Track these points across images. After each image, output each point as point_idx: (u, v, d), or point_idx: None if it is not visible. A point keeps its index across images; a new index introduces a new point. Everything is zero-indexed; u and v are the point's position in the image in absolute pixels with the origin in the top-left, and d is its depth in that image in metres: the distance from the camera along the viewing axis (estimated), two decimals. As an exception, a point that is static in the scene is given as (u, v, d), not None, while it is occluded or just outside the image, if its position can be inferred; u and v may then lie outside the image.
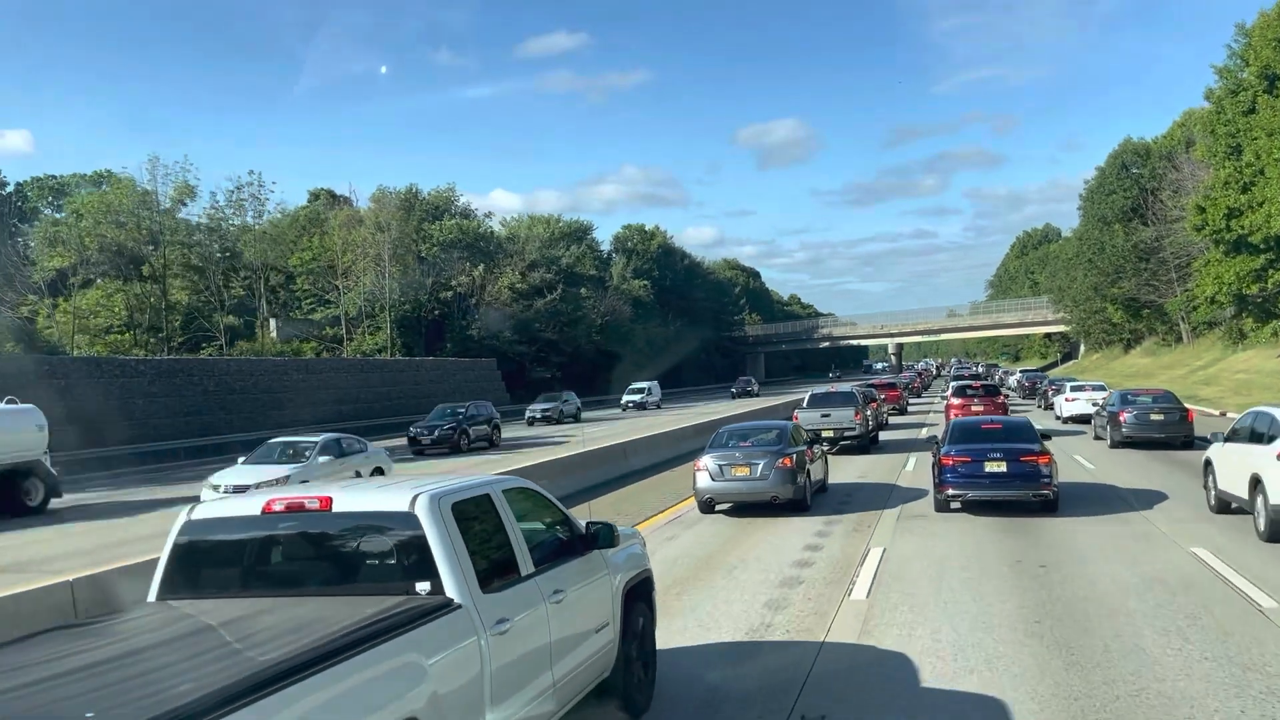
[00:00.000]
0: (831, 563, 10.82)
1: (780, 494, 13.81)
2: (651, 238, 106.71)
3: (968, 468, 13.33)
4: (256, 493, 5.13)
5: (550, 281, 67.76)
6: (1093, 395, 30.26)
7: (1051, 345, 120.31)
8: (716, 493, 14.25)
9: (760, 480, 13.82)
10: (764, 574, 10.38)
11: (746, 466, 13.99)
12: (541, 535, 5.75)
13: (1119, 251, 66.25)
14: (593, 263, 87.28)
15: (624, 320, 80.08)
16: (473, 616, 4.49)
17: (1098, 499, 14.90)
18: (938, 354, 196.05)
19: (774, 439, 14.75)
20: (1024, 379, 54.40)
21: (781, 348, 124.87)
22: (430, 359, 54.97)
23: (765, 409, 41.13)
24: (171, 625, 4.30)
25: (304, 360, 46.10)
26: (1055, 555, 10.75)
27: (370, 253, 57.17)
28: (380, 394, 48.69)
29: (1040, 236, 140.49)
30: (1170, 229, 59.19)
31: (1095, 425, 25.98)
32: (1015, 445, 13.60)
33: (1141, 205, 65.18)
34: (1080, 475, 17.96)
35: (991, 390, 31.21)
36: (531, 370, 64.69)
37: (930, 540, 11.92)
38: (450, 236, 64.68)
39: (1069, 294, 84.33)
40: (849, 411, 23.58)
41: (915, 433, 29.30)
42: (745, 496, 14.11)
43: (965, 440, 14.06)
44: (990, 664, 7.00)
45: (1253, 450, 11.58)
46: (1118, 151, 69.19)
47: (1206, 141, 46.70)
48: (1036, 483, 13.12)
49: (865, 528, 12.93)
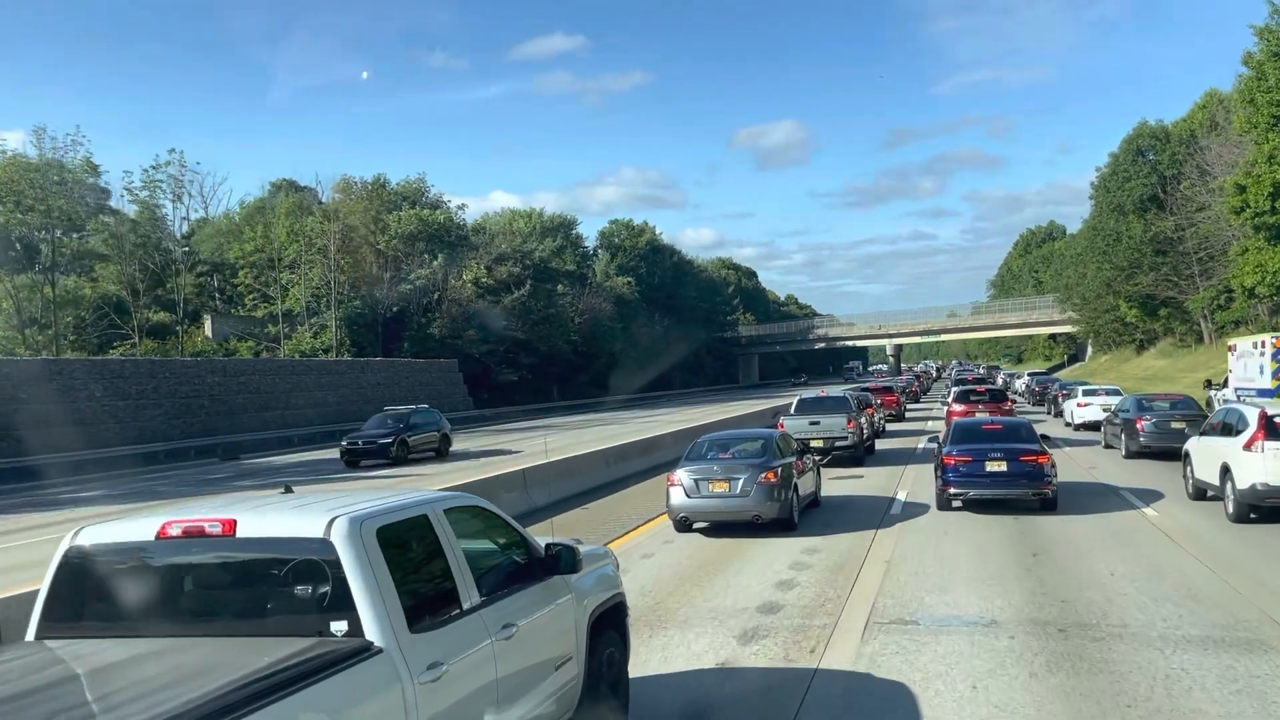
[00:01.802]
0: (819, 589, 10.55)
1: (763, 512, 13.47)
2: (640, 234, 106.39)
3: (969, 467, 14.51)
4: (155, 514, 4.71)
5: (518, 276, 67.16)
6: (1106, 400, 30.09)
7: (1056, 346, 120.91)
8: (692, 511, 13.91)
9: (741, 497, 13.48)
10: (744, 600, 10.10)
11: (725, 481, 13.64)
12: (492, 560, 5.46)
13: (1136, 244, 66.49)
14: (574, 258, 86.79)
15: (604, 319, 79.68)
16: (396, 662, 4.12)
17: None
18: (938, 356, 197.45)
19: (757, 450, 14.39)
20: (1033, 382, 53.75)
21: (776, 349, 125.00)
22: (378, 360, 54.05)
23: (753, 414, 41.06)
24: (31, 675, 3.87)
25: (219, 361, 45.00)
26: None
27: (317, 244, 56.33)
28: (316, 399, 47.80)
29: (1044, 234, 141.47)
30: (1193, 218, 59.39)
31: (1106, 433, 25.55)
32: (1015, 445, 14.82)
33: (1160, 194, 65.52)
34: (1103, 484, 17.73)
35: (998, 395, 31.05)
36: (498, 372, 64.10)
37: (931, 562, 11.77)
38: (410, 227, 64.01)
39: (1077, 291, 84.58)
40: (840, 419, 23.00)
41: (914, 441, 28.90)
42: (724, 515, 13.78)
43: (966, 440, 15.31)
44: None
45: (1223, 442, 14.16)
46: (1133, 136, 69.29)
47: (1245, 112, 45.16)
48: (1037, 482, 14.33)
49: (858, 549, 12.68)
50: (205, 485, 26.90)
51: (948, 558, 11.85)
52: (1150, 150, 68.19)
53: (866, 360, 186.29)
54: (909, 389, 54.15)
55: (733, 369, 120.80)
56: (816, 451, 20.87)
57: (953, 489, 14.65)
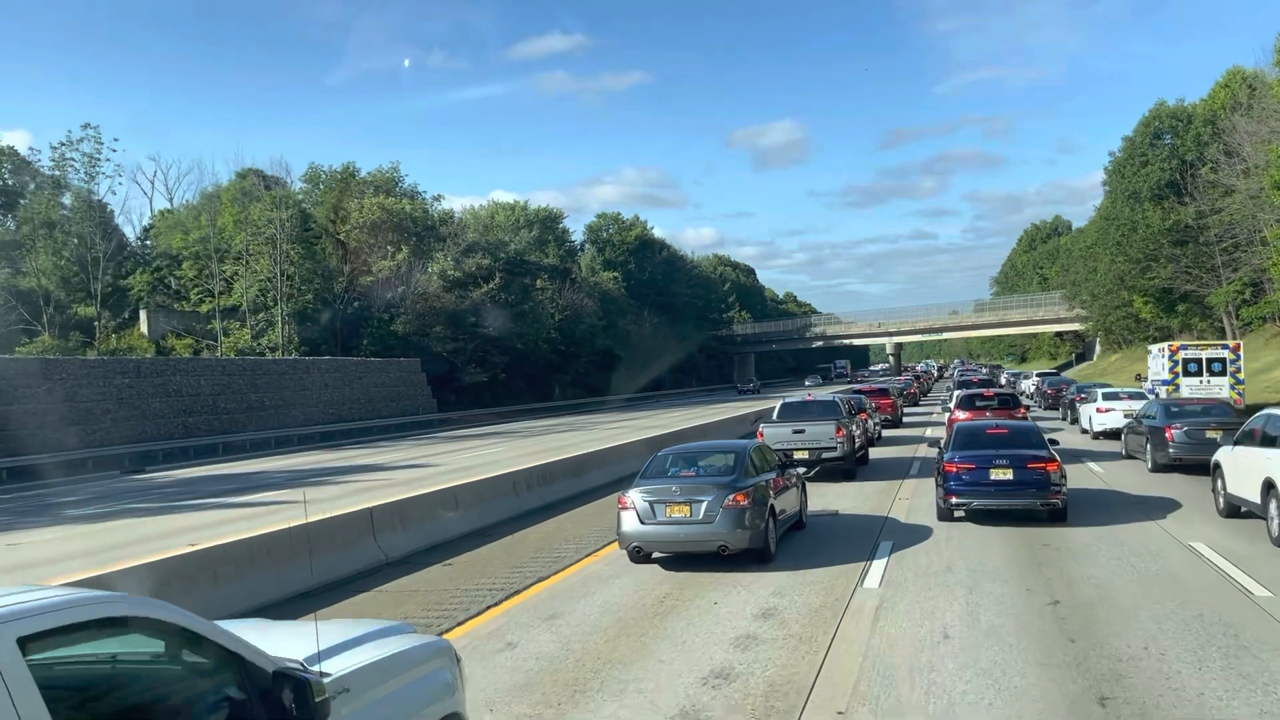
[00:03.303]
0: (786, 657, 8.08)
1: (731, 542, 11.37)
2: (630, 228, 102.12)
3: (972, 475, 13.57)
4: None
5: (489, 269, 61.36)
6: (1130, 405, 25.92)
7: (1063, 345, 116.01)
8: (647, 539, 11.74)
9: (704, 524, 11.42)
10: (690, 665, 7.85)
11: (686, 504, 11.54)
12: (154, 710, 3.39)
13: (1153, 233, 60.19)
14: (558, 252, 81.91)
15: (586, 316, 73.93)
16: None
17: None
18: (940, 355, 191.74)
19: (726, 466, 12.31)
20: (1045, 384, 46.98)
21: (772, 348, 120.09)
22: (326, 359, 48.04)
23: (734, 419, 35.62)
24: None
25: (133, 361, 39.14)
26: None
27: (264, 233, 50.66)
28: (250, 402, 42.10)
29: (1049, 229, 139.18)
30: (1217, 204, 53.40)
31: (1126, 443, 22.55)
32: (1022, 451, 13.79)
33: (1179, 179, 59.20)
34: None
35: (1008, 401, 25.36)
36: (466, 372, 58.34)
37: (929, 610, 9.39)
38: (374, 216, 58.35)
39: (1086, 287, 79.16)
40: (829, 426, 19.91)
41: (913, 449, 25.46)
42: (685, 545, 11.69)
43: (970, 446, 14.27)
44: None
45: (1265, 454, 12.43)
46: (1149, 118, 62.75)
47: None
48: (1045, 490, 13.28)
49: (842, 588, 10.37)
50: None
51: (951, 603, 9.50)
52: (1169, 133, 61.79)
53: (867, 359, 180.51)
54: (906, 391, 47.76)
55: (728, 369, 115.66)
56: (801, 463, 18.56)
57: (955, 498, 13.61)
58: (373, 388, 50.17)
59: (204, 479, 27.96)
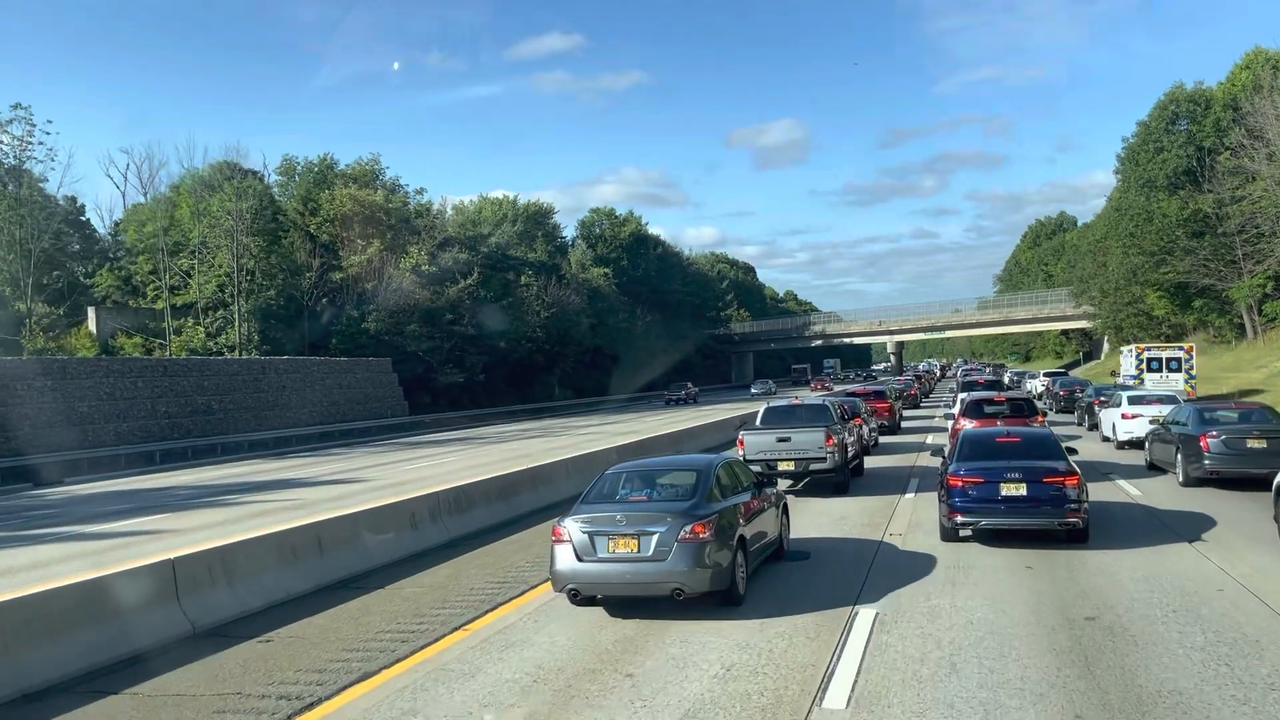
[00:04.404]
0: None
1: (688, 584, 9.09)
2: (623, 224, 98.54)
3: (980, 490, 11.98)
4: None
5: (466, 263, 57.58)
6: (1160, 410, 22.33)
7: (1069, 343, 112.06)
8: (585, 580, 9.37)
9: (655, 562, 9.13)
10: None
11: (634, 538, 9.23)
12: None
13: (1169, 224, 56.07)
14: (546, 248, 78.22)
15: (575, 313, 70.14)
16: None
17: None
18: (942, 354, 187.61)
19: (686, 488, 10.09)
20: (1056, 385, 42.08)
21: (771, 346, 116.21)
22: (285, 359, 44.19)
23: (711, 424, 31.90)
24: None
25: (59, 361, 35.39)
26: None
27: (223, 225, 47.00)
28: (196, 406, 38.39)
29: (1054, 225, 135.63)
30: (1238, 193, 49.49)
31: (1151, 452, 19.91)
32: (1037, 463, 12.16)
33: (1197, 166, 55.13)
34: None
35: (1023, 408, 21.36)
36: (441, 373, 54.61)
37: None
38: (344, 208, 54.67)
39: (1095, 282, 75.18)
40: (817, 434, 17.37)
41: (912, 458, 22.46)
42: (631, 588, 9.35)
43: (977, 457, 12.72)
44: None
45: None
46: (1165, 101, 58.43)
47: None
48: (1063, 509, 11.60)
49: (823, 646, 8.00)
50: None
51: (954, 676, 7.02)
52: (1186, 118, 57.62)
53: (869, 359, 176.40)
54: (907, 393, 43.53)
55: (725, 368, 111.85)
56: (787, 475, 17.16)
57: (961, 516, 12.05)
58: (337, 390, 46.47)
59: (107, 495, 24.37)
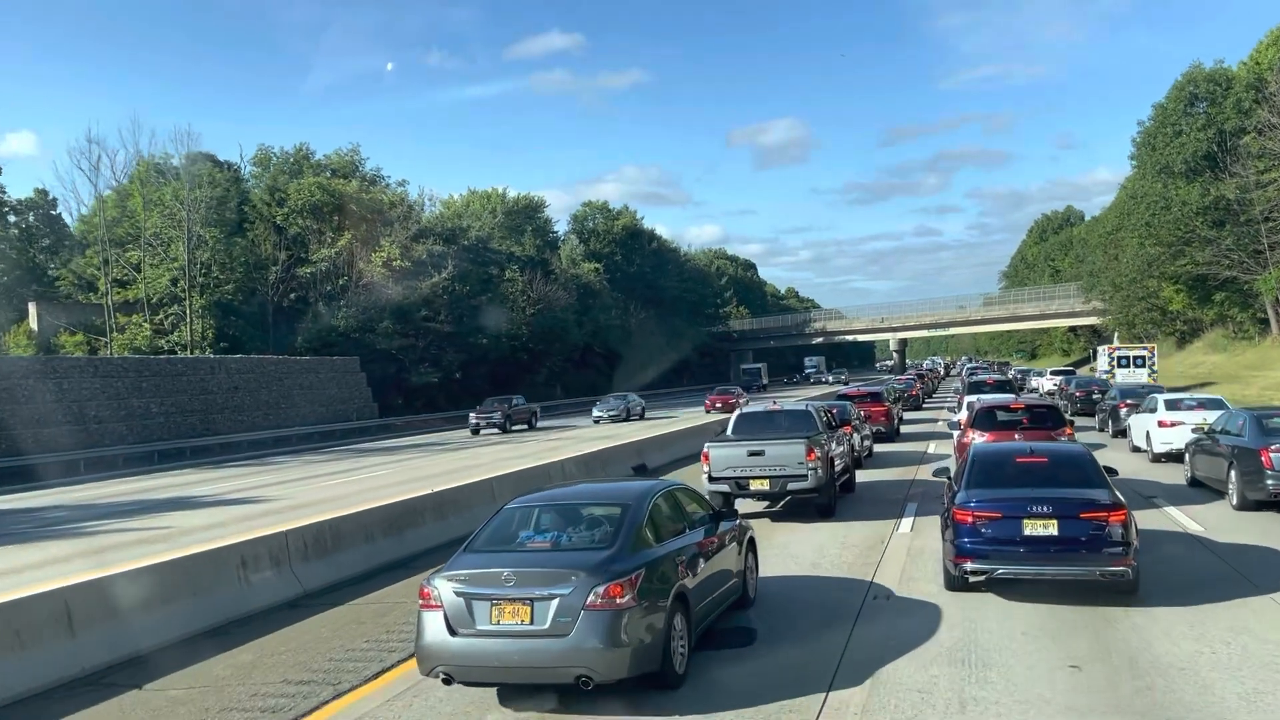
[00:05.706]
0: None
1: (597, 669, 6.25)
2: (617, 218, 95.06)
3: (997, 528, 8.89)
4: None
5: (440, 256, 54.00)
6: (1205, 416, 18.50)
7: (1076, 340, 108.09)
8: (460, 662, 6.48)
9: (554, 637, 6.31)
10: None
11: (526, 605, 6.41)
12: None
13: (1188, 212, 52.08)
14: (535, 242, 74.76)
15: (562, 309, 66.56)
16: None
17: None
18: (946, 352, 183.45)
19: (605, 532, 6.99)
20: (1071, 385, 37.09)
21: (770, 344, 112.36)
22: (237, 357, 40.65)
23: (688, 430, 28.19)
24: None
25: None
26: None
27: (176, 216, 43.55)
28: (132, 409, 34.84)
29: (1061, 220, 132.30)
30: (1263, 178, 45.69)
31: (1194, 465, 16.56)
32: (1072, 492, 8.98)
33: (1217, 151, 51.18)
34: None
35: (1045, 417, 17.02)
36: (415, 372, 51.08)
37: None
38: (313, 198, 51.18)
39: (1106, 276, 71.28)
40: (797, 446, 14.17)
41: (912, 471, 19.00)
42: (520, 672, 6.50)
43: (992, 483, 9.45)
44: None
45: None
46: (1183, 82, 54.41)
47: None
48: (1106, 554, 8.51)
49: None
50: None
51: None
52: (1206, 99, 53.61)
53: (872, 357, 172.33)
54: (908, 394, 39.17)
55: (724, 366, 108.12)
56: (762, 496, 14.63)
57: (971, 563, 8.84)
58: (297, 390, 42.97)
59: None
